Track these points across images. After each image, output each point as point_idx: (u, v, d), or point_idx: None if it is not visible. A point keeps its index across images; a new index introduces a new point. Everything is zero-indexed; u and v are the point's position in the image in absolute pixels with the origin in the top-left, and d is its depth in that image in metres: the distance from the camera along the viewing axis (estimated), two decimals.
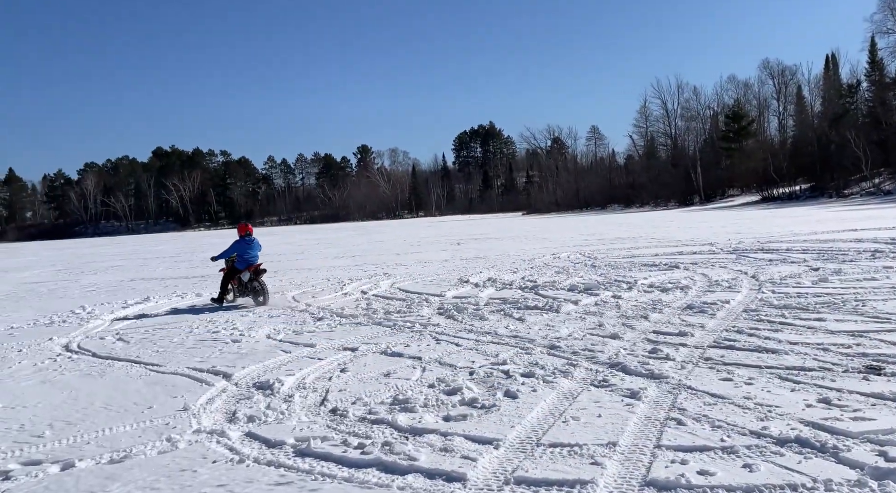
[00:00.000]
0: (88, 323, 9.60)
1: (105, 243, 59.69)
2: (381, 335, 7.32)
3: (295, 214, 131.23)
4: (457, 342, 6.66)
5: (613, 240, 21.41)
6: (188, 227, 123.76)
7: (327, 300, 10.67)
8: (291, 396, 5.01)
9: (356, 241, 34.30)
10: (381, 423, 4.26)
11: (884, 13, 53.70)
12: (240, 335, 7.84)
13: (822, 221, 24.00)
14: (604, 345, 6.06)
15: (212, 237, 62.28)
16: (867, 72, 59.86)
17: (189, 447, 3.99)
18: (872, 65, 58.38)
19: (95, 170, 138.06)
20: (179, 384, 5.61)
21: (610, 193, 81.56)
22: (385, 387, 5.12)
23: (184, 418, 4.61)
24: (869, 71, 59.38)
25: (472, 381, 5.15)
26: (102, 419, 4.68)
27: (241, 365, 6.16)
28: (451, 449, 3.72)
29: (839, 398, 4.14)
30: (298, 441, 3.97)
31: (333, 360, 6.19)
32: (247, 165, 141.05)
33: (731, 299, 8.12)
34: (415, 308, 9.11)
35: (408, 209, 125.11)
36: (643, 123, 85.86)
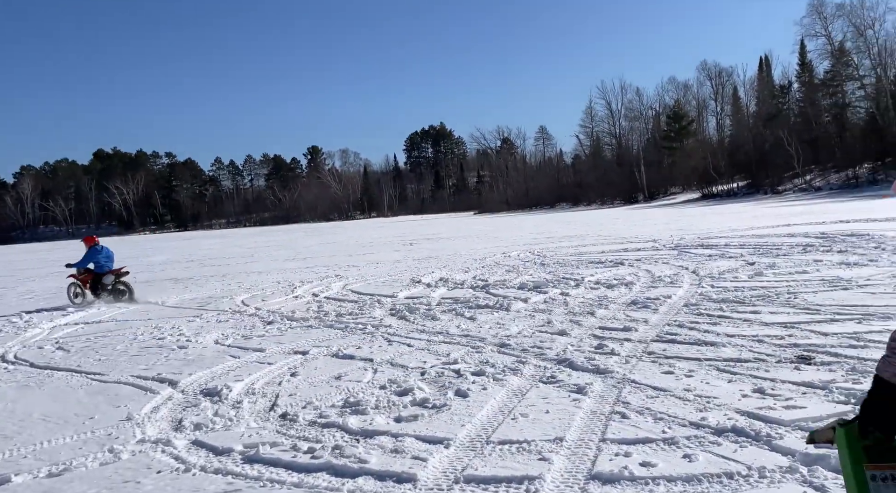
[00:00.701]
0: (26, 332, 9.23)
1: (43, 249, 57.19)
2: (332, 338, 7.28)
3: (244, 216, 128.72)
4: (409, 343, 6.68)
5: (562, 238, 21.78)
6: (132, 230, 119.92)
7: (277, 304, 10.54)
8: (240, 402, 4.94)
9: (307, 242, 33.90)
10: (332, 426, 4.24)
11: (812, 17, 56.32)
12: (186, 341, 7.67)
13: (757, 216, 24.96)
14: (552, 342, 6.18)
15: (157, 241, 60.56)
16: (798, 73, 62.60)
17: (133, 458, 3.89)
18: (802, 67, 61.06)
19: (32, 173, 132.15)
20: (123, 393, 5.46)
21: (558, 192, 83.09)
22: (336, 390, 5.11)
23: (127, 428, 4.49)
24: (799, 72, 62.09)
25: (424, 381, 5.18)
26: (41, 431, 4.52)
27: (188, 372, 6.04)
28: (402, 450, 3.74)
29: (773, 388, 4.34)
30: (247, 448, 3.93)
31: (283, 364, 6.12)
32: (193, 166, 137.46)
33: (673, 294, 8.39)
34: (367, 310, 9.09)
35: (360, 210, 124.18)
36: (589, 123, 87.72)
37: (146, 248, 42.60)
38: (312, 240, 37.09)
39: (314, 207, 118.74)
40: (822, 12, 55.32)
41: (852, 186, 47.50)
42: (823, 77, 58.52)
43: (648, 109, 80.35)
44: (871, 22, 51.24)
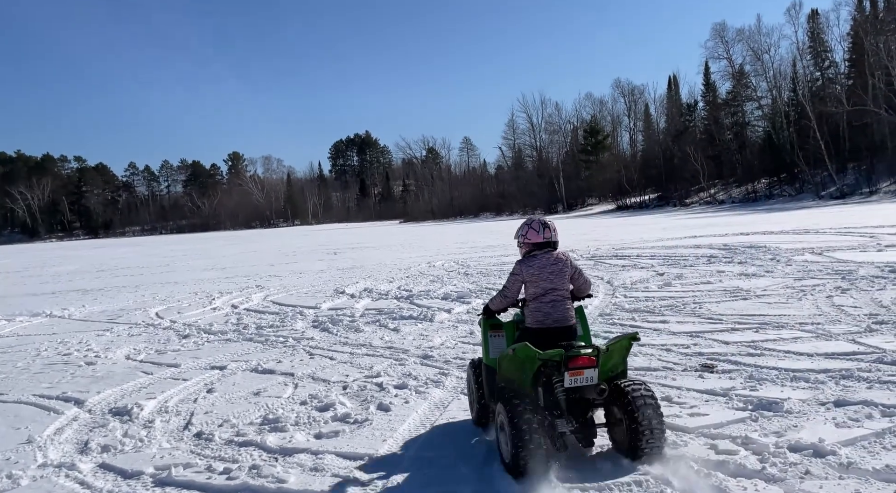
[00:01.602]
0: None
1: None
2: (251, 352, 7.12)
3: (160, 223, 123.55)
4: (331, 356, 6.62)
5: (485, 248, 22.11)
6: (37, 238, 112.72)
7: (194, 316, 10.19)
8: (152, 421, 4.76)
9: (227, 252, 32.89)
10: (250, 445, 4.16)
11: (715, 41, 59.77)
12: (95, 357, 7.31)
13: (667, 228, 26.17)
14: (474, 353, 6.27)
15: (65, 249, 57.12)
16: (703, 93, 66.28)
17: (33, 484, 3.69)
18: (707, 87, 64.72)
19: None
20: (23, 414, 5.15)
21: (482, 202, 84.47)
22: (255, 407, 5.00)
23: (28, 451, 4.24)
24: (704, 92, 65.77)
25: (346, 396, 5.15)
26: None
27: (96, 390, 5.77)
28: (322, 468, 3.71)
29: (679, 396, 4.58)
30: (158, 470, 3.79)
31: (200, 380, 5.94)
32: (104, 171, 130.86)
33: (589, 303, 8.69)
34: (288, 322, 8.93)
35: (283, 218, 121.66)
36: (511, 135, 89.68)
37: (53, 256, 40.12)
38: (233, 249, 36.01)
39: (235, 215, 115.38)
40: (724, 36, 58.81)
41: (752, 199, 50.61)
42: (726, 97, 62.26)
43: (567, 123, 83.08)
44: (767, 47, 54.93)
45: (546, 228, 4.11)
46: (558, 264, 4.01)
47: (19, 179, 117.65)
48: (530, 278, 3.99)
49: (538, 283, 3.95)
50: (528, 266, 4.03)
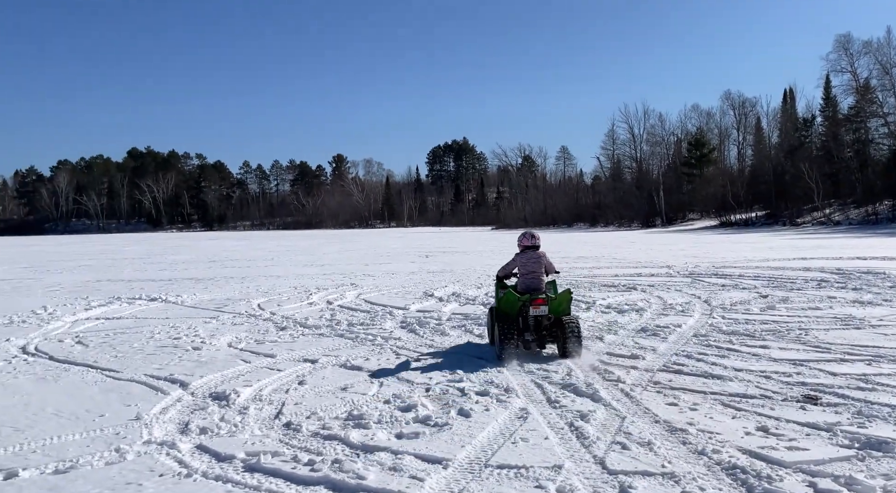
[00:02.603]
0: (48, 324, 9.43)
1: (74, 242, 58.38)
2: (342, 348, 7.35)
3: (268, 219, 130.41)
4: (416, 358, 6.73)
5: (576, 259, 21.72)
6: (160, 228, 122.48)
7: (292, 309, 10.65)
8: (247, 408, 5.01)
9: (326, 249, 34.15)
10: (334, 439, 4.29)
11: (838, 53, 55.98)
12: (201, 343, 7.79)
13: (774, 248, 24.67)
14: (558, 365, 6.18)
15: (183, 239, 61.37)
16: (822, 107, 62.13)
17: (137, 459, 3.97)
18: (827, 101, 60.57)
19: (68, 167, 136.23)
20: (135, 392, 5.57)
21: (576, 212, 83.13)
22: (341, 402, 5.16)
23: (135, 427, 4.58)
24: (823, 107, 61.61)
25: (428, 398, 5.22)
26: (52, 426, 4.63)
27: (200, 374, 6.13)
28: (401, 468, 3.77)
29: (777, 427, 4.31)
30: (249, 456, 3.99)
31: (292, 372, 6.20)
32: (221, 169, 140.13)
33: (684, 323, 8.35)
34: (378, 321, 9.16)
35: (380, 219, 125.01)
36: (610, 145, 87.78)
37: (172, 246, 43.20)
38: (332, 247, 37.35)
39: (336, 215, 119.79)
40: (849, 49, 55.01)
41: (871, 222, 46.73)
42: (847, 112, 58.00)
43: (670, 134, 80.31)
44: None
45: (533, 238, 7.25)
46: (537, 258, 7.05)
47: (148, 173, 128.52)
48: (521, 264, 7.07)
49: (525, 266, 7.04)
50: (521, 257, 7.12)
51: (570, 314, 6.63)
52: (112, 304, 11.75)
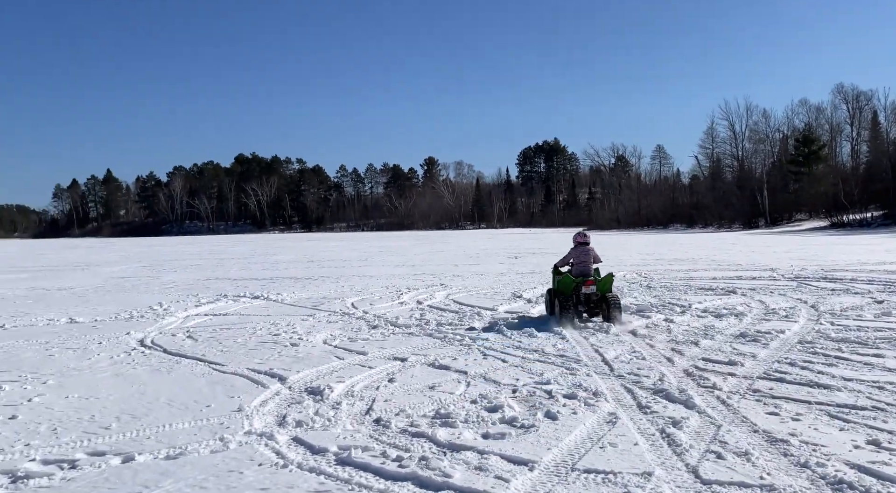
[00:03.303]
0: (163, 319, 10.16)
1: (187, 243, 62.62)
2: (431, 347, 7.47)
3: (363, 221, 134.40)
4: (503, 359, 6.74)
5: (672, 261, 20.94)
6: (264, 229, 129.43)
7: (383, 308, 10.92)
8: (339, 403, 5.20)
9: (417, 250, 34.72)
10: (421, 436, 4.38)
11: None
12: (298, 339, 8.14)
13: (892, 250, 22.74)
14: (650, 369, 6.01)
15: (284, 240, 64.30)
16: None
17: (239, 448, 4.22)
18: None
19: (183, 173, 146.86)
20: (238, 385, 5.90)
21: (672, 213, 79.97)
22: (429, 400, 5.26)
23: (237, 418, 4.86)
24: None
25: (515, 399, 5.22)
26: (165, 414, 5.00)
27: (297, 369, 6.42)
28: (486, 468, 3.80)
29: (890, 441, 4.01)
30: (341, 450, 4.14)
31: (383, 369, 6.37)
32: (320, 172, 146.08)
33: (787, 328, 7.88)
34: (466, 321, 9.23)
35: (470, 221, 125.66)
36: (709, 143, 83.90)
37: (274, 246, 45.37)
38: (422, 248, 37.94)
39: (427, 216, 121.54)
40: None
41: None
42: None
43: (775, 131, 75.71)
44: None
45: (584, 236, 9.39)
46: (586, 251, 9.15)
47: (253, 177, 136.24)
48: (574, 256, 9.22)
49: (577, 257, 9.16)
50: (574, 250, 9.22)
51: (612, 292, 8.71)
52: (219, 301, 12.49)
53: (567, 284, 8.81)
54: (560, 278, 9.00)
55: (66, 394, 5.66)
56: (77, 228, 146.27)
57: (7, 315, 10.99)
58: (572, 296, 8.68)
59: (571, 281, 8.79)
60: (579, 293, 8.68)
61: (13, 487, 3.64)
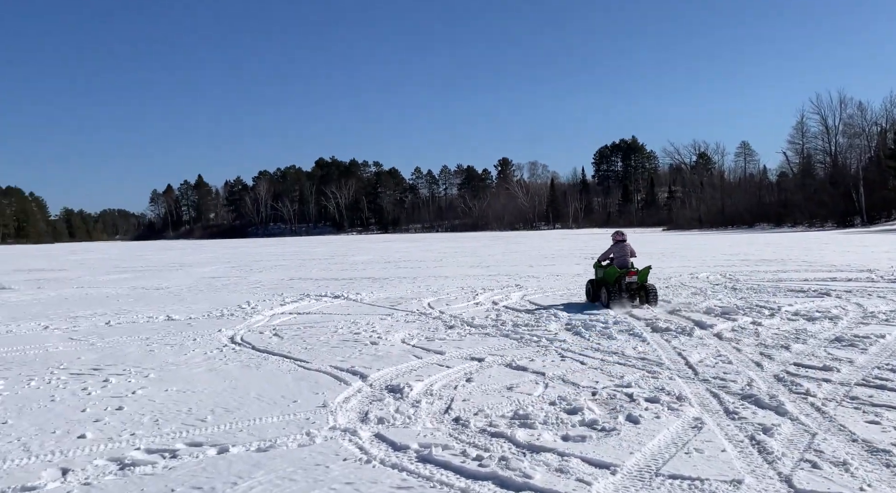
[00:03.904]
0: (251, 318, 10.62)
1: (271, 244, 65.20)
2: (507, 348, 7.47)
3: (437, 222, 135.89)
4: (582, 360, 6.66)
5: (759, 261, 20.02)
6: (342, 231, 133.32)
7: (459, 309, 11.00)
8: (419, 401, 5.30)
9: (491, 251, 34.71)
10: (501, 436, 4.40)
11: None
12: (378, 338, 8.32)
13: None
14: (737, 374, 5.79)
15: (362, 241, 65.78)
16: None
17: (325, 443, 4.37)
18: None
19: (267, 177, 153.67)
20: (322, 382, 6.10)
21: (758, 212, 76.34)
22: (507, 400, 5.27)
23: (322, 414, 5.03)
24: None
25: (594, 402, 5.15)
26: (255, 409, 5.24)
27: (377, 367, 6.57)
28: (567, 470, 3.78)
29: None
30: (421, 447, 4.22)
31: (460, 369, 6.43)
32: (396, 175, 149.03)
33: (888, 333, 7.40)
34: (543, 322, 9.17)
35: (545, 221, 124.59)
36: (799, 139, 79.67)
37: (353, 247, 46.52)
38: (496, 248, 37.89)
39: (501, 217, 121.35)
40: None
41: None
42: None
43: (872, 125, 70.98)
44: None
45: (622, 234, 11.30)
46: (625, 247, 10.97)
47: (332, 180, 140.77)
48: (615, 251, 10.94)
49: (618, 253, 10.88)
50: (615, 247, 10.97)
51: (648, 282, 10.66)
52: (302, 300, 12.93)
53: (612, 274, 10.53)
54: (606, 270, 10.73)
55: (166, 387, 6.03)
56: (171, 230, 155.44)
57: (112, 313, 11.78)
58: (615, 284, 10.36)
59: (616, 272, 10.51)
60: (622, 282, 10.31)
61: (121, 473, 3.91)
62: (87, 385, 6.14)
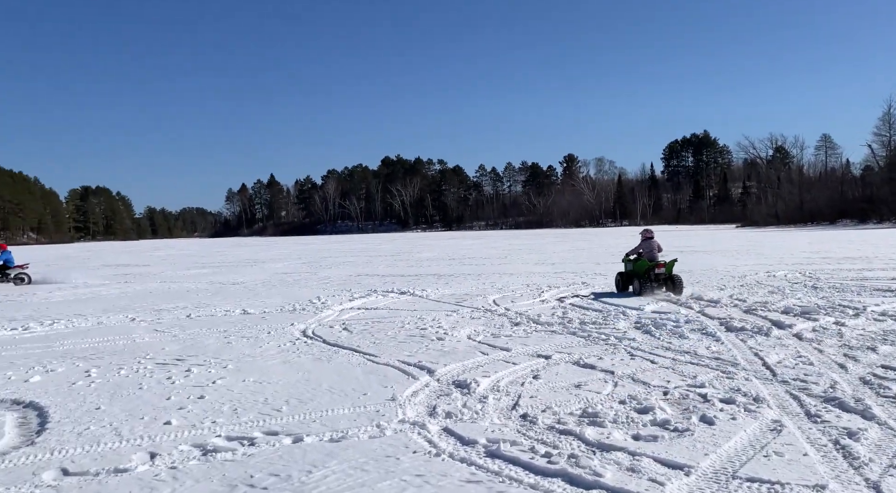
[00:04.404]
0: (321, 312, 10.91)
1: (339, 241, 66.79)
2: (574, 345, 7.40)
3: (501, 219, 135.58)
4: (652, 359, 6.52)
5: (841, 259, 19.01)
6: (407, 228, 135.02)
7: (525, 306, 10.95)
8: (486, 397, 5.31)
9: (556, 248, 34.34)
10: (569, 434, 4.37)
11: None
12: (444, 334, 8.39)
13: None
14: (819, 376, 5.54)
15: (426, 239, 66.37)
16: None
17: (394, 436, 4.45)
18: None
19: (335, 176, 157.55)
20: (390, 375, 6.21)
21: (841, 207, 72.42)
22: (575, 398, 5.22)
23: (392, 407, 5.13)
24: None
25: (666, 401, 5.04)
26: (327, 400, 5.39)
27: (444, 362, 6.63)
28: (639, 470, 3.72)
29: None
30: (490, 442, 4.23)
31: (527, 366, 6.41)
32: (460, 172, 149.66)
33: None
34: (611, 320, 9.02)
35: (611, 218, 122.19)
36: (886, 130, 75.02)
37: (418, 245, 46.99)
38: (562, 246, 37.46)
39: (566, 214, 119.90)
40: None
41: None
42: None
43: None
44: None
45: (650, 232, 12.91)
46: (652, 243, 12.53)
47: (397, 178, 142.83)
48: (643, 247, 12.49)
49: (646, 248, 12.44)
50: (643, 243, 12.56)
51: (674, 273, 12.13)
52: (370, 296, 13.18)
53: (643, 266, 12.17)
54: (637, 263, 12.37)
55: (243, 378, 6.28)
56: (245, 227, 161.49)
57: (192, 306, 12.35)
58: (645, 275, 12.02)
59: (646, 264, 12.14)
60: (652, 273, 11.92)
61: (204, 459, 4.11)
62: (171, 374, 6.47)
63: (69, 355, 7.70)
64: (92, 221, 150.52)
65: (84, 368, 6.89)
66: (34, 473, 3.91)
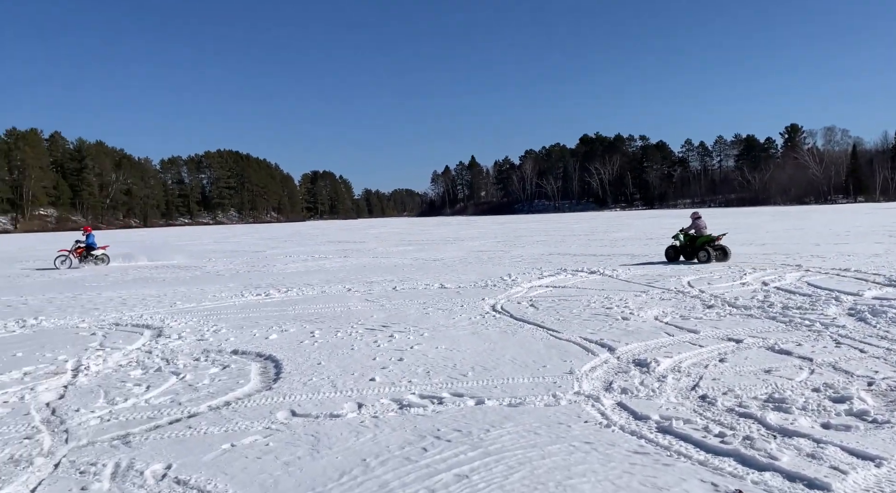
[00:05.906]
0: (511, 289, 11.40)
1: (535, 220, 67.58)
2: (771, 331, 6.99)
3: (709, 196, 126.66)
4: (861, 348, 5.98)
5: None
6: (605, 207, 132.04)
7: (722, 288, 10.43)
8: (665, 376, 5.33)
9: (770, 227, 31.45)
10: (749, 417, 4.28)
11: None
12: (629, 314, 8.38)
13: None
14: None
15: (624, 218, 64.45)
16: None
17: (568, 406, 4.71)
18: None
19: (532, 156, 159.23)
20: (570, 351, 6.45)
21: None
22: (762, 383, 5.04)
23: (569, 380, 5.38)
24: None
25: (869, 392, 4.68)
26: (509, 369, 5.79)
27: (626, 341, 6.70)
28: (821, 457, 3.59)
29: None
30: (662, 419, 4.31)
31: (714, 349, 6.24)
32: (663, 148, 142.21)
33: None
34: (819, 306, 8.29)
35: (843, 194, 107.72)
36: None
37: (614, 224, 45.96)
38: (777, 225, 34.17)
39: (787, 190, 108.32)
40: None
41: None
42: None
43: None
44: None
45: (698, 214, 16.05)
46: (701, 222, 15.62)
47: (595, 157, 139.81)
48: (695, 226, 15.49)
49: (698, 226, 15.49)
50: (695, 222, 15.59)
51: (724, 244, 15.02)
52: (559, 274, 13.40)
53: (703, 240, 14.99)
54: (700, 238, 15.11)
55: (437, 345, 6.93)
56: (448, 207, 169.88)
57: (398, 280, 13.57)
58: (704, 246, 14.86)
59: (707, 238, 14.99)
60: (712, 244, 14.84)
61: (400, 412, 4.72)
62: (377, 338, 7.35)
63: (299, 318, 9.03)
64: (320, 201, 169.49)
65: (309, 329, 8.07)
66: (271, 412, 4.81)
